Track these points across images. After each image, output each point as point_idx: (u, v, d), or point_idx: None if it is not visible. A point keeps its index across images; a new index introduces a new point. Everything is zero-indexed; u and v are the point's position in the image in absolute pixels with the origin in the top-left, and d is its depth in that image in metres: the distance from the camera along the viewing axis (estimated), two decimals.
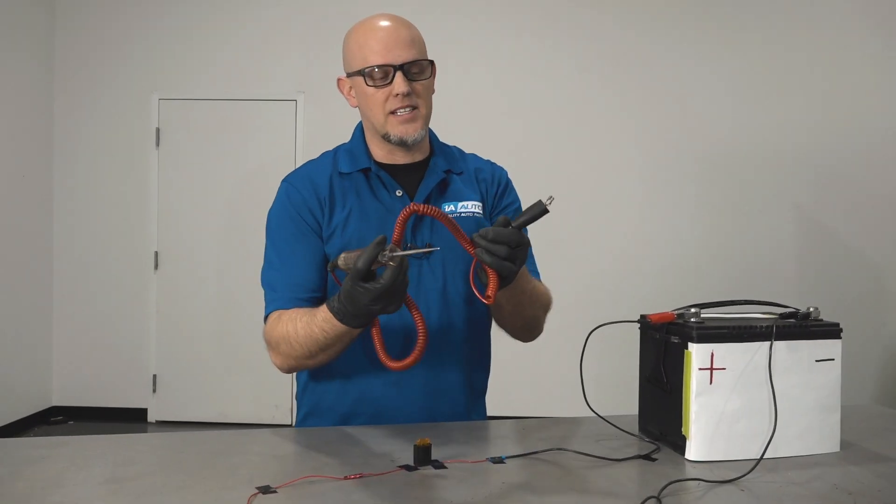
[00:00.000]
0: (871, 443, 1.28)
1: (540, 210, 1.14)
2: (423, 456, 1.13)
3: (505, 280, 1.15)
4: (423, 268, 1.42)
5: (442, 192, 1.46)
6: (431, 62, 1.42)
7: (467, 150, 1.60)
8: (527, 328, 1.45)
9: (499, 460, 1.16)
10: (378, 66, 1.36)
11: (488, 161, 1.58)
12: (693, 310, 1.20)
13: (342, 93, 1.48)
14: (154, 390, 5.06)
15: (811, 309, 1.24)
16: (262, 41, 5.06)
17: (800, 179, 4.96)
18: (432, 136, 1.53)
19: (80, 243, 5.11)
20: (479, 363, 1.53)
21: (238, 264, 5.02)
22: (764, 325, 1.18)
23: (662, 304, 1.52)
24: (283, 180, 1.50)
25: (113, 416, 5.02)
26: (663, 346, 1.23)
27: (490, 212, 1.50)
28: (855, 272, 4.96)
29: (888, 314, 4.98)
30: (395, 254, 1.07)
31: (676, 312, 1.22)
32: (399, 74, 1.36)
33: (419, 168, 1.47)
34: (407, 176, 1.46)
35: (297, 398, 1.56)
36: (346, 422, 1.44)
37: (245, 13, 5.07)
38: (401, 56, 1.37)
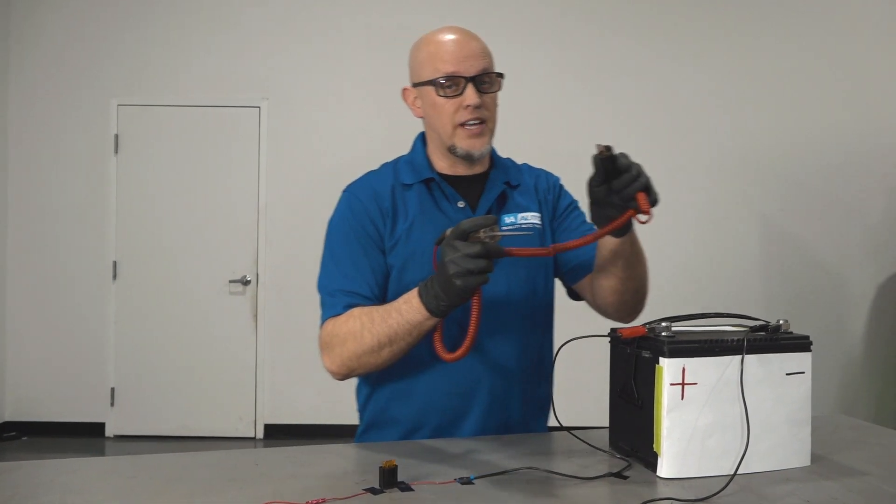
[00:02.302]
0: (841, 456, 1.27)
1: (600, 162, 1.17)
2: (388, 478, 1.09)
3: (652, 197, 1.19)
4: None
5: (502, 204, 1.48)
6: (501, 75, 1.42)
7: None
8: (640, 293, 1.41)
9: (467, 481, 1.12)
10: (450, 76, 1.37)
11: (541, 169, 1.60)
12: (664, 324, 1.18)
13: (406, 102, 1.49)
14: (112, 404, 4.92)
15: (781, 321, 1.22)
16: (226, 46, 4.98)
17: (765, 189, 5.03)
18: (491, 149, 1.53)
19: (35, 252, 4.96)
20: (542, 374, 1.52)
21: (199, 274, 4.92)
22: (735, 338, 1.17)
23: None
24: (345, 190, 1.51)
25: (69, 430, 4.87)
26: (634, 360, 1.21)
27: (550, 217, 1.53)
28: (818, 280, 5.04)
29: (850, 322, 5.07)
30: (494, 233, 1.14)
31: (647, 326, 1.20)
32: (470, 86, 1.37)
33: (479, 180, 1.49)
34: (468, 188, 1.47)
35: (358, 410, 1.55)
36: (410, 434, 1.44)
37: (208, 18, 4.98)
38: (473, 67, 1.38)
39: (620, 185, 1.17)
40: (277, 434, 4.92)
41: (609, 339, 1.29)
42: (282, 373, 4.95)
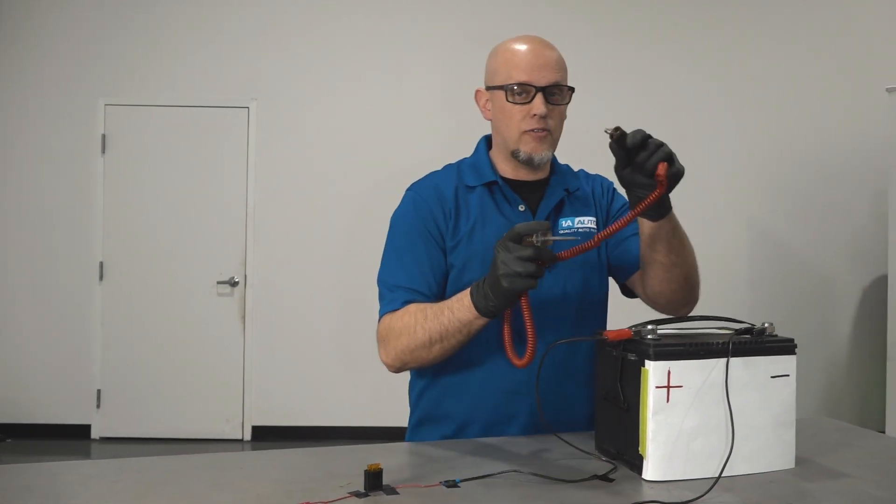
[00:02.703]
0: (825, 458, 1.28)
1: (615, 145, 1.17)
2: (373, 481, 1.09)
3: (674, 167, 1.17)
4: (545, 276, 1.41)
5: (560, 209, 1.53)
6: (571, 88, 1.46)
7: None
8: (690, 280, 1.41)
9: (453, 484, 1.12)
10: (522, 84, 1.41)
11: (596, 175, 1.65)
12: (650, 326, 1.18)
13: (477, 104, 1.54)
14: (98, 406, 4.88)
15: (766, 324, 1.23)
16: (214, 47, 4.96)
17: (752, 192, 5.05)
18: (552, 156, 1.56)
19: (20, 253, 4.92)
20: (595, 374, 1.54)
21: (187, 275, 4.89)
22: (720, 341, 1.17)
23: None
24: (409, 189, 1.54)
25: (54, 433, 4.83)
26: (620, 363, 1.21)
27: (605, 219, 1.58)
28: (804, 283, 5.07)
29: (835, 325, 5.10)
30: (546, 237, 1.16)
31: (633, 329, 1.20)
32: (540, 95, 1.42)
33: (540, 186, 1.53)
34: (529, 192, 1.52)
35: (411, 405, 1.58)
36: (462, 430, 1.47)
37: (197, 18, 4.96)
38: (544, 77, 1.42)
39: (641, 161, 1.17)
40: (265, 436, 4.90)
41: (595, 341, 1.29)
42: (269, 375, 4.93)
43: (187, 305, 4.89)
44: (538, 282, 1.18)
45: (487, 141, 1.58)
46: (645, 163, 1.16)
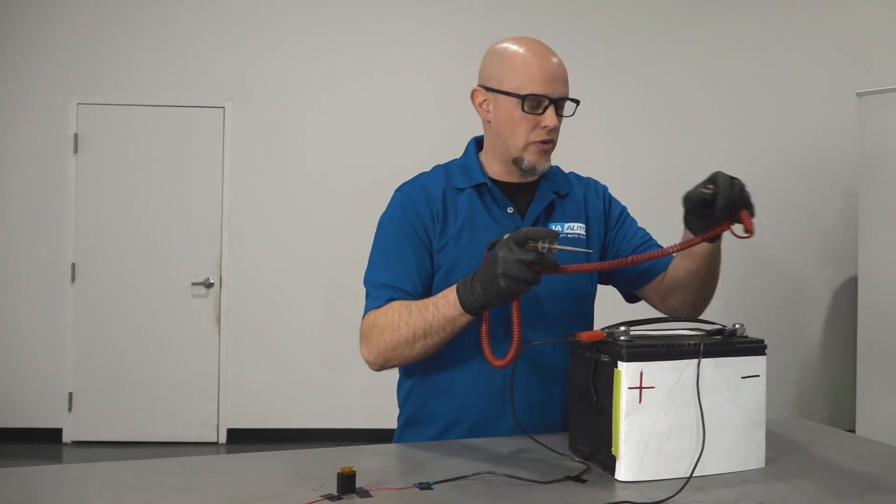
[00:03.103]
0: (795, 458, 1.29)
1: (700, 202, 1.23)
2: (346, 484, 1.08)
3: (751, 208, 1.22)
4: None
5: (549, 213, 1.52)
6: (577, 102, 1.48)
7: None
8: (713, 292, 1.48)
9: (426, 486, 1.12)
10: (538, 96, 1.41)
11: (588, 178, 1.64)
12: (622, 328, 1.19)
13: (473, 102, 1.51)
14: (70, 409, 4.81)
15: (737, 325, 1.24)
16: (190, 46, 4.91)
17: None
18: None
19: None
20: None
21: (161, 276, 4.84)
22: (691, 342, 1.18)
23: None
24: (398, 190, 1.54)
25: (25, 437, 4.75)
26: (593, 364, 1.22)
27: (603, 226, 1.58)
28: (775, 284, 5.14)
29: (806, 326, 5.17)
30: (552, 246, 1.16)
31: (606, 330, 1.20)
32: (552, 108, 1.42)
33: (530, 188, 1.52)
34: (518, 195, 1.51)
35: (399, 405, 1.57)
36: (448, 430, 1.47)
37: (172, 17, 4.91)
38: (558, 91, 1.43)
39: (722, 207, 1.20)
40: (241, 439, 4.86)
41: (569, 343, 1.29)
42: (245, 377, 4.90)
43: (161, 307, 4.84)
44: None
45: (477, 143, 1.57)
46: (724, 210, 1.20)
